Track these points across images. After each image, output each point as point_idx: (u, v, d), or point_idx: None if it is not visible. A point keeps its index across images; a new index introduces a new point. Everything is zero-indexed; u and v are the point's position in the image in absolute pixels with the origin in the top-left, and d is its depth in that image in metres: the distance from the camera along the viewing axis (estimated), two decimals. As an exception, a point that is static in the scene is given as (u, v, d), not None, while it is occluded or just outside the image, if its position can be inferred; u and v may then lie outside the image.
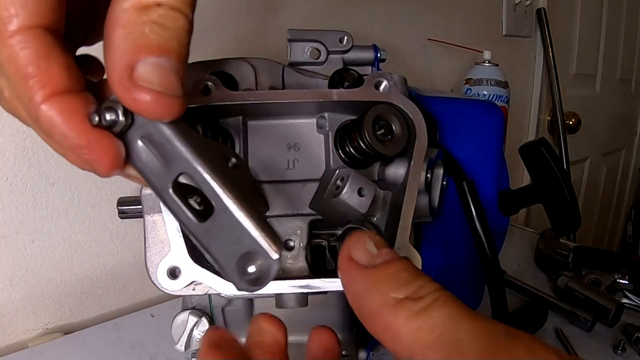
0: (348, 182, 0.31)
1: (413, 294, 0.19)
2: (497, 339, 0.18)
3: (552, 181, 0.49)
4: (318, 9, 0.79)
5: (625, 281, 0.66)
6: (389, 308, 0.19)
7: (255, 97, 0.32)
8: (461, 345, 0.18)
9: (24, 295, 0.60)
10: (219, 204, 0.20)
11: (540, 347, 0.18)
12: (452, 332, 0.18)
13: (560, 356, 0.18)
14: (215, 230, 0.20)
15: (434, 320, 0.18)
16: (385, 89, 0.32)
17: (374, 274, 0.21)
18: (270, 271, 0.19)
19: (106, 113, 0.20)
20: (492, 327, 0.19)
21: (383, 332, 0.20)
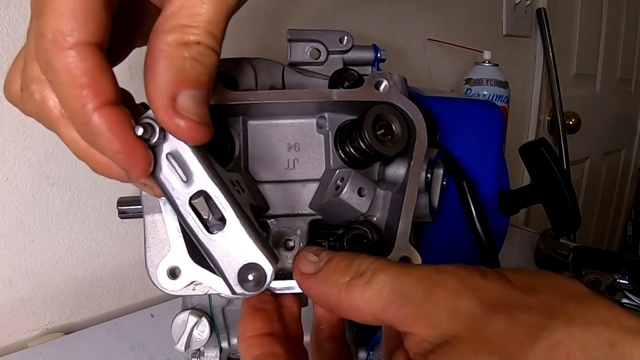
0: (348, 182, 0.31)
1: (356, 273, 0.23)
2: (431, 278, 0.22)
3: (552, 181, 0.49)
4: (318, 9, 0.79)
5: (625, 281, 0.66)
6: (344, 292, 0.23)
7: (255, 97, 0.32)
8: (408, 294, 0.22)
9: (24, 295, 0.60)
10: (229, 221, 0.23)
11: (464, 270, 0.22)
12: (397, 288, 0.22)
13: (484, 273, 0.22)
14: (222, 242, 0.23)
15: (379, 285, 0.22)
16: (385, 89, 0.32)
17: (323, 275, 0.25)
18: (266, 279, 0.23)
19: (147, 127, 0.23)
20: (424, 271, 0.22)
21: (350, 312, 0.23)
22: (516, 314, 0.20)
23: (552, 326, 0.19)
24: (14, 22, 0.53)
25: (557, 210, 0.49)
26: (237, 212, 0.23)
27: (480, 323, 0.20)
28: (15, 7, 0.53)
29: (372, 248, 0.34)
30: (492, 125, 0.55)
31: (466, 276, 0.22)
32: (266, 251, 0.23)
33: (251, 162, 0.36)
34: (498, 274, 0.22)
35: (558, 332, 0.19)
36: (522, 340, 0.19)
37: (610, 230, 1.88)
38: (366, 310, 0.23)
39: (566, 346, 0.19)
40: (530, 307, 0.20)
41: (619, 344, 0.18)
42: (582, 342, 0.19)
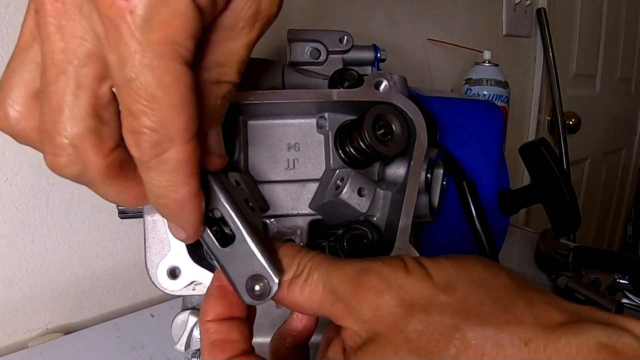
0: (348, 182, 0.32)
1: (296, 272, 0.25)
2: (356, 278, 0.23)
3: (552, 181, 0.49)
4: (318, 9, 0.79)
5: (625, 281, 0.66)
6: (286, 290, 0.25)
7: (255, 97, 0.32)
8: (337, 292, 0.24)
9: (24, 295, 0.60)
10: (239, 236, 0.25)
11: (388, 268, 0.23)
12: (328, 286, 0.24)
13: (408, 269, 0.23)
14: (232, 255, 0.26)
15: (315, 282, 0.24)
16: (385, 89, 0.32)
17: None
18: (271, 291, 0.25)
19: None
20: (351, 269, 0.24)
21: (293, 308, 0.26)
22: (433, 315, 0.21)
23: (467, 326, 0.20)
24: (14, 22, 0.53)
25: (557, 210, 0.49)
26: (246, 229, 0.25)
27: (400, 322, 0.21)
28: (15, 7, 0.53)
29: (372, 248, 0.34)
30: (492, 125, 0.55)
31: (389, 274, 0.23)
32: (272, 265, 0.25)
33: (251, 162, 0.36)
34: (421, 270, 0.23)
35: (471, 332, 0.20)
36: (438, 340, 0.20)
37: (610, 230, 1.88)
38: (306, 307, 0.25)
39: (480, 346, 0.20)
40: (446, 306, 0.21)
41: (533, 341, 0.19)
42: (495, 341, 0.20)
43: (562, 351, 0.19)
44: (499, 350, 0.19)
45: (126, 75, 0.19)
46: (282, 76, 0.39)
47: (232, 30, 0.23)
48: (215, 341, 0.25)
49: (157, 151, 0.20)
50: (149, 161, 0.21)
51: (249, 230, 0.25)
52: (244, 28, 0.23)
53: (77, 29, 0.20)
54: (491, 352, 0.19)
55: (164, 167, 0.21)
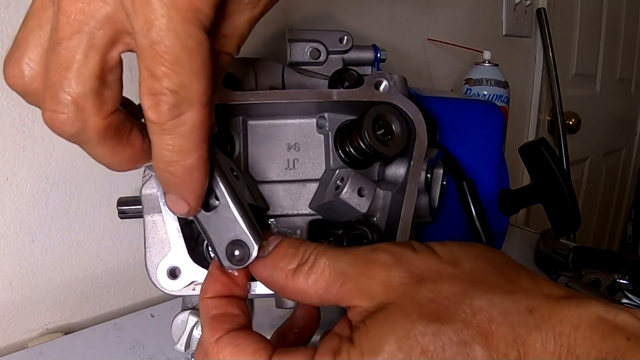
0: (348, 182, 0.32)
1: (301, 260, 0.25)
2: (367, 257, 0.24)
3: (552, 181, 0.49)
4: (318, 9, 0.79)
5: (625, 281, 0.66)
6: (290, 278, 0.25)
7: (255, 97, 0.32)
8: (346, 272, 0.24)
9: (24, 295, 0.60)
10: (222, 201, 0.26)
11: (397, 247, 0.24)
12: (336, 269, 0.24)
13: (415, 247, 0.24)
14: (215, 220, 0.26)
15: (322, 267, 0.24)
16: (385, 89, 0.32)
17: (271, 260, 0.26)
18: (251, 256, 0.26)
19: None
20: (360, 251, 0.24)
21: (296, 296, 0.25)
22: (442, 284, 0.22)
23: (475, 294, 0.21)
24: (14, 22, 0.53)
25: (557, 210, 0.49)
26: (230, 194, 0.26)
27: (411, 291, 0.22)
28: (15, 7, 0.53)
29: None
30: (492, 125, 0.55)
31: (398, 252, 0.24)
32: (252, 231, 0.26)
33: (251, 162, 0.36)
34: (427, 248, 0.24)
35: (479, 299, 0.21)
36: (447, 306, 0.21)
37: (610, 230, 1.88)
38: (311, 293, 0.25)
39: (487, 312, 0.21)
40: (454, 277, 0.22)
41: (538, 310, 0.20)
42: (502, 309, 0.21)
43: (566, 321, 0.20)
44: (505, 317, 0.20)
45: (152, 38, 0.20)
46: (282, 76, 0.39)
47: (239, 4, 0.24)
48: (216, 315, 0.25)
49: (175, 113, 0.21)
50: (165, 123, 0.21)
51: (232, 196, 0.26)
52: (249, 4, 0.24)
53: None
54: (498, 318, 0.20)
55: (179, 130, 0.22)
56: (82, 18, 0.21)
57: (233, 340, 0.24)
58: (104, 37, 0.21)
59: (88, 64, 0.21)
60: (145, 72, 0.21)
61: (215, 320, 0.25)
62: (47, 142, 0.58)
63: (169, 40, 0.20)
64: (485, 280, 0.22)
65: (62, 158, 0.59)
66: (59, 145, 0.58)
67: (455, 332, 0.20)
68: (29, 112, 0.56)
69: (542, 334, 0.20)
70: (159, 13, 0.20)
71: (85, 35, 0.21)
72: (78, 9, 0.21)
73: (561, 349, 0.19)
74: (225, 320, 0.25)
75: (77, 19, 0.21)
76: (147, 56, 0.20)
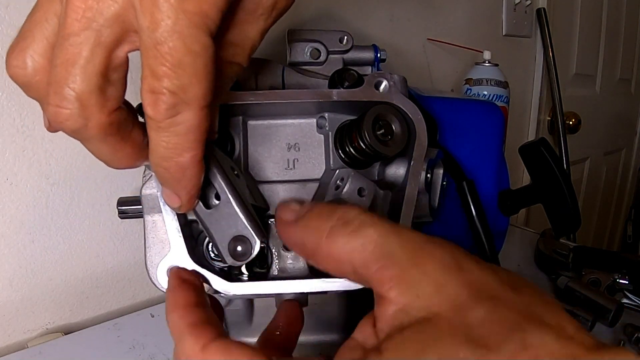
0: (348, 182, 0.32)
1: (341, 218, 0.22)
2: (423, 246, 0.21)
3: (552, 181, 0.49)
4: (318, 9, 0.79)
5: (625, 281, 0.66)
6: (325, 239, 0.22)
7: (255, 97, 0.32)
8: (394, 255, 0.21)
9: (24, 295, 0.60)
10: (224, 198, 0.26)
11: (458, 250, 0.21)
12: (384, 246, 0.21)
13: (477, 260, 0.21)
14: (217, 216, 0.27)
15: (366, 239, 0.21)
16: (385, 89, 0.32)
17: (304, 221, 0.24)
18: (253, 251, 0.26)
19: None
20: (416, 236, 0.22)
21: (327, 260, 0.23)
22: (500, 307, 0.20)
23: (529, 328, 0.19)
24: (14, 22, 0.53)
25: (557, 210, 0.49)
26: (231, 191, 0.26)
27: (465, 306, 0.20)
28: (15, 7, 0.53)
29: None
30: (492, 125, 0.55)
31: (459, 256, 0.21)
32: (254, 226, 0.26)
33: (251, 162, 0.36)
34: (489, 265, 0.22)
35: (532, 335, 0.19)
36: (498, 332, 0.19)
37: (610, 230, 1.88)
38: (345, 261, 0.22)
39: (536, 349, 0.19)
40: (514, 304, 0.20)
41: (581, 358, 0.19)
42: (550, 350, 0.19)
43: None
44: (551, 358, 0.19)
45: (156, 38, 0.20)
46: (282, 76, 0.39)
47: (251, 14, 0.24)
48: (196, 323, 0.23)
49: (172, 112, 0.21)
50: (161, 121, 0.22)
51: (233, 192, 0.26)
52: (262, 15, 0.25)
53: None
54: (544, 358, 0.19)
55: (175, 129, 0.22)
56: (90, 15, 0.21)
57: (224, 348, 0.22)
58: (112, 36, 0.21)
59: (94, 61, 0.21)
60: (147, 70, 0.21)
61: (198, 328, 0.23)
62: (47, 142, 0.58)
63: (173, 41, 0.20)
64: (541, 317, 0.20)
65: (62, 158, 0.59)
66: (59, 145, 0.58)
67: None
68: (29, 112, 0.56)
69: None
70: (166, 14, 0.20)
71: (93, 33, 0.21)
72: (87, 6, 0.21)
73: None
74: (209, 328, 0.23)
75: (85, 15, 0.21)
76: (150, 55, 0.21)
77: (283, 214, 0.26)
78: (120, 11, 0.21)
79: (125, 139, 0.24)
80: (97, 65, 0.21)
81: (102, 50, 0.21)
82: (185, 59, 0.20)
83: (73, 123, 0.22)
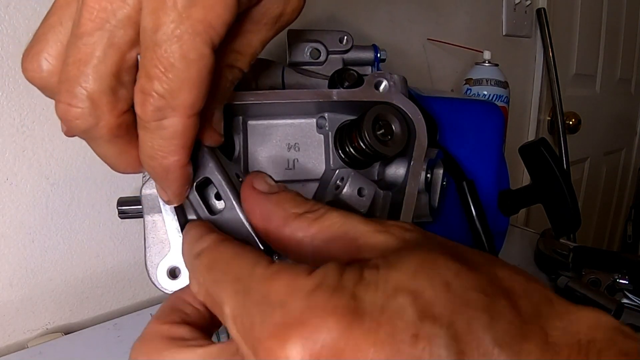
0: (348, 182, 0.32)
1: (310, 209, 0.23)
2: (380, 223, 0.21)
3: (552, 181, 0.49)
4: (318, 9, 0.79)
5: (625, 281, 0.66)
6: (292, 219, 0.23)
7: (255, 97, 0.32)
8: (355, 231, 0.21)
9: (24, 295, 0.60)
10: (228, 204, 0.27)
11: (412, 226, 0.21)
12: (346, 226, 0.21)
13: (425, 234, 0.21)
14: (221, 222, 0.27)
15: (330, 221, 0.22)
16: (385, 89, 0.32)
17: (276, 197, 0.24)
18: None
19: None
20: (376, 220, 0.22)
21: (288, 240, 0.23)
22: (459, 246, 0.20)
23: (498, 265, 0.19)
24: (14, 22, 0.53)
25: (557, 210, 0.49)
26: (236, 198, 0.26)
27: (430, 235, 0.20)
28: (15, 7, 0.53)
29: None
30: (492, 125, 0.55)
31: (406, 227, 0.21)
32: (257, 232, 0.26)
33: (251, 162, 0.36)
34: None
35: (502, 270, 0.19)
36: (467, 257, 0.19)
37: (610, 230, 1.88)
38: (307, 243, 0.22)
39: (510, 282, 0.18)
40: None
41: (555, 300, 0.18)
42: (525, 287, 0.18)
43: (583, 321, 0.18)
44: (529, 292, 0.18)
45: (156, 39, 0.20)
46: (282, 76, 0.39)
47: (255, 24, 0.25)
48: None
49: (158, 116, 0.21)
50: (148, 122, 0.22)
51: (238, 199, 0.26)
52: (266, 25, 0.25)
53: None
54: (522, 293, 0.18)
55: (160, 132, 0.22)
56: (104, 16, 0.21)
57: None
58: (124, 37, 0.21)
59: (106, 61, 0.21)
60: (142, 70, 0.21)
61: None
62: (47, 142, 0.58)
63: (171, 45, 0.20)
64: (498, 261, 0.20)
65: (62, 158, 0.59)
66: (59, 145, 0.58)
67: (478, 279, 0.18)
68: (29, 112, 0.56)
69: (563, 322, 0.17)
70: (170, 17, 0.20)
71: (106, 33, 0.21)
72: (101, 7, 0.21)
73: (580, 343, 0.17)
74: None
75: (99, 16, 0.21)
76: (147, 56, 0.21)
77: (257, 183, 0.25)
78: (132, 13, 0.21)
79: (132, 142, 0.24)
80: (109, 66, 0.21)
81: (114, 51, 0.21)
82: (178, 65, 0.20)
83: (83, 122, 0.22)
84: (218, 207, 0.28)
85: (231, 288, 0.20)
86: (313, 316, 0.17)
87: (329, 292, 0.17)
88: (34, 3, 0.54)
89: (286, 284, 0.18)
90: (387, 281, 0.17)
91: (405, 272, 0.18)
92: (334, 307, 0.17)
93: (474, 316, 0.16)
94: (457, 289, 0.17)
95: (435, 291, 0.17)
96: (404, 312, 0.16)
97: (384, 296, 0.17)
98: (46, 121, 0.57)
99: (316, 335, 0.16)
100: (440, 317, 0.16)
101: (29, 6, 0.54)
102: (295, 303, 0.17)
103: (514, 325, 0.17)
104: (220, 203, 0.28)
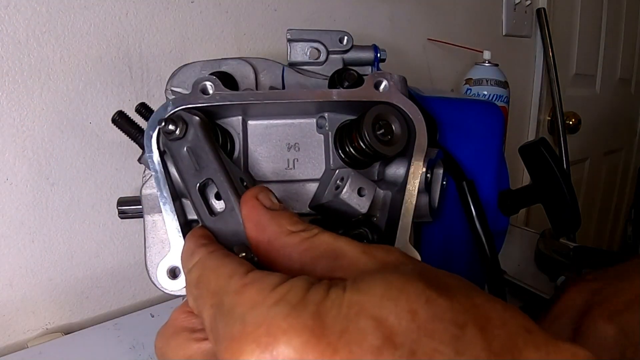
0: (348, 182, 0.31)
1: (305, 229, 0.24)
2: (367, 245, 0.22)
3: (552, 181, 0.48)
4: (318, 9, 0.79)
5: (625, 281, 0.66)
6: (285, 235, 0.23)
7: (255, 97, 0.32)
8: (341, 251, 0.22)
9: (24, 295, 0.60)
10: (229, 206, 0.27)
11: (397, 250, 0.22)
12: (334, 246, 0.22)
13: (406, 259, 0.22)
14: (221, 223, 0.27)
15: (320, 240, 0.23)
16: (385, 88, 0.32)
17: (274, 213, 0.25)
18: (256, 258, 0.25)
19: (169, 124, 0.28)
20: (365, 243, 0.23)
21: (277, 253, 0.23)
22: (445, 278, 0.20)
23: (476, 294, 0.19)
24: (14, 22, 0.53)
25: (557, 210, 0.49)
26: (236, 201, 0.27)
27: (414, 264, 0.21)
28: (15, 7, 0.53)
29: (372, 248, 0.34)
30: (492, 125, 0.55)
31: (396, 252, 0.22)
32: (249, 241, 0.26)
33: (251, 162, 0.36)
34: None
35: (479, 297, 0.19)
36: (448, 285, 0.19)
37: (610, 230, 1.88)
38: (295, 258, 0.23)
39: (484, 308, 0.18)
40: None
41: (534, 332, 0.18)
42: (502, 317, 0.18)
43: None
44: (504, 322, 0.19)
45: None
46: (282, 76, 0.39)
47: None
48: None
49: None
50: None
51: (239, 203, 0.27)
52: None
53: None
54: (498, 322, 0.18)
55: None
56: None
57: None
58: None
59: None
60: None
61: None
62: (47, 142, 0.58)
63: None
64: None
65: (62, 158, 0.59)
66: (59, 145, 0.58)
67: (450, 308, 0.17)
68: (29, 112, 0.56)
69: (540, 353, 0.18)
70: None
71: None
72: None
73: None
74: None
75: None
76: None
77: (261, 196, 0.26)
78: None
79: None
80: None
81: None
82: None
83: None
84: (218, 207, 0.28)
85: (209, 302, 0.21)
86: (268, 331, 0.17)
87: (289, 307, 0.17)
88: (34, 3, 0.54)
89: (251, 297, 0.19)
90: (351, 303, 0.17)
91: (372, 296, 0.17)
92: (292, 324, 0.17)
93: (438, 349, 0.16)
94: (423, 318, 0.17)
95: (399, 319, 0.17)
96: (365, 337, 0.16)
97: (346, 318, 0.17)
98: (46, 121, 0.57)
99: (271, 350, 0.16)
100: (402, 346, 0.16)
101: (29, 6, 0.54)
102: (253, 318, 0.17)
103: (481, 358, 0.16)
104: (220, 203, 0.28)
